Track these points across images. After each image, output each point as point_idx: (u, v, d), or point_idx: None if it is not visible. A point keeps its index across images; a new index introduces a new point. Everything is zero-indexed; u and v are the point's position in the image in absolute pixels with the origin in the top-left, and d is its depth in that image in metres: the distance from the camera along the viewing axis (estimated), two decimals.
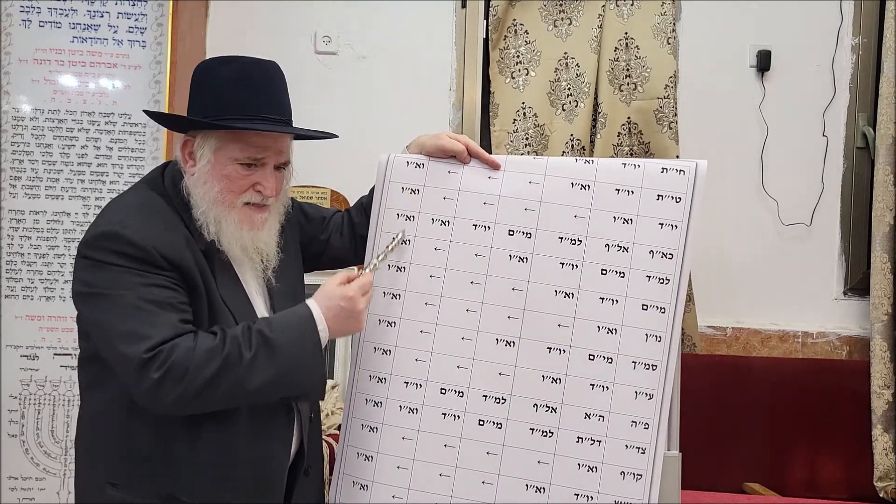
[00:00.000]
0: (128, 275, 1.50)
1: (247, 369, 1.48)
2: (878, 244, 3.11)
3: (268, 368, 1.50)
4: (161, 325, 1.48)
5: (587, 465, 1.70)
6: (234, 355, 1.48)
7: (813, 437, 3.06)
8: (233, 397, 1.51)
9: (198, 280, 1.57)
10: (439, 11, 3.34)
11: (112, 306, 1.50)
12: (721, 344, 3.29)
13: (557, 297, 1.75)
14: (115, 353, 1.50)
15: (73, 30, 3.02)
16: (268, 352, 1.50)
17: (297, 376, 1.54)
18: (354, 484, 1.78)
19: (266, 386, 1.51)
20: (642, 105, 3.17)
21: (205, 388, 1.47)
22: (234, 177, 1.60)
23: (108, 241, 1.52)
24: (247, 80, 1.60)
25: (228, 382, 1.48)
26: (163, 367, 1.45)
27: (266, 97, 1.62)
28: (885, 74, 3.12)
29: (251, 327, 1.53)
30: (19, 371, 2.97)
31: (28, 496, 2.96)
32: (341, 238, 1.90)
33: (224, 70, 1.61)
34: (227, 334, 1.51)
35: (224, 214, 1.60)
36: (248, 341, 1.50)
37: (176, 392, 1.46)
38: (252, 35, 3.24)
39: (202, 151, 1.60)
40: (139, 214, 1.56)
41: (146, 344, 1.45)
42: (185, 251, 1.56)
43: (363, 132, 3.18)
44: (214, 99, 1.59)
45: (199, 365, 1.46)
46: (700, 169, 1.76)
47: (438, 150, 1.84)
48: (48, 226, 3.00)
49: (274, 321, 1.57)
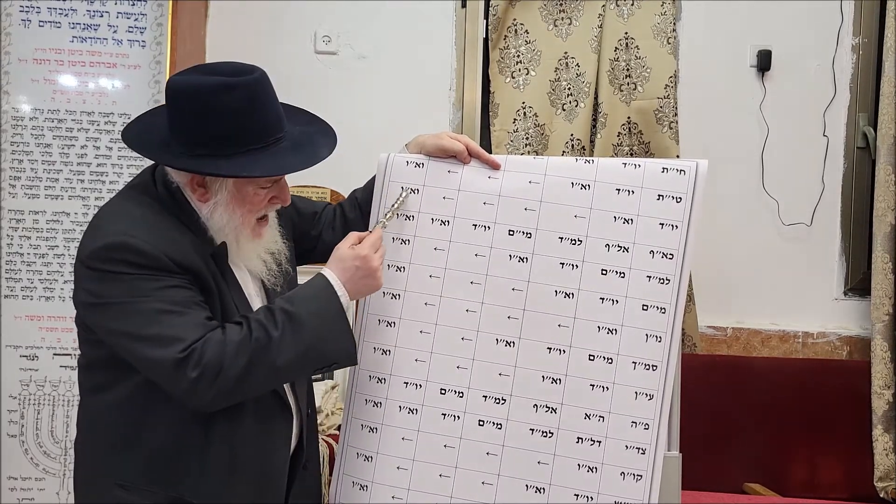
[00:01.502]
0: (142, 281, 1.49)
1: (276, 349, 1.50)
2: (879, 244, 3.11)
3: (297, 344, 1.51)
4: (189, 325, 1.48)
5: (587, 465, 1.70)
6: (262, 339, 1.49)
7: (813, 438, 3.06)
8: (268, 379, 1.54)
9: (210, 282, 1.56)
10: (439, 11, 3.34)
11: (132, 313, 1.48)
12: (721, 344, 3.29)
13: (557, 297, 1.75)
14: (144, 358, 1.49)
15: (72, 30, 3.01)
16: (294, 327, 1.51)
17: (326, 345, 1.56)
18: (354, 484, 1.78)
19: (298, 360, 1.52)
20: (642, 105, 3.17)
21: (241, 379, 1.48)
22: (255, 200, 1.60)
23: (117, 251, 1.49)
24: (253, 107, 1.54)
25: (262, 367, 1.49)
26: (198, 366, 1.45)
27: (271, 116, 1.57)
28: (885, 74, 3.12)
29: (272, 308, 1.54)
30: (19, 371, 2.97)
31: (28, 496, 2.96)
32: (333, 233, 1.88)
33: (225, 98, 1.51)
34: (251, 320, 1.52)
35: (242, 232, 1.61)
36: (274, 321, 1.51)
37: (215, 388, 1.47)
38: (252, 35, 3.24)
39: (218, 185, 1.57)
40: (142, 222, 1.54)
41: (178, 346, 1.46)
42: (194, 255, 1.55)
43: (363, 132, 3.17)
44: (222, 132, 1.52)
45: (232, 357, 1.47)
46: (701, 169, 1.76)
47: (439, 149, 1.83)
48: (48, 226, 3.00)
49: (294, 296, 1.58)
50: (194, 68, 1.60)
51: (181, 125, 1.55)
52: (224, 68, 1.56)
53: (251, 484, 1.62)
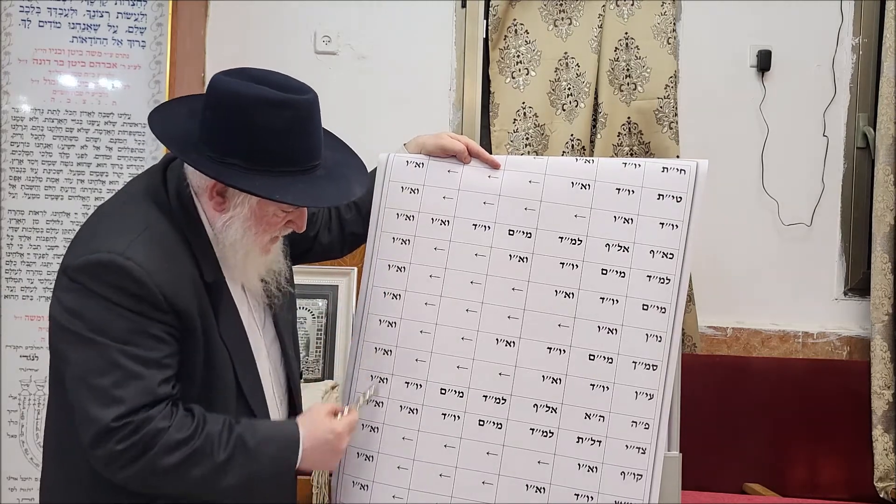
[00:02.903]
0: (120, 318, 1.41)
1: (219, 469, 1.45)
2: (878, 244, 3.10)
3: (240, 475, 1.47)
4: (137, 390, 1.40)
5: (587, 465, 1.70)
6: (204, 452, 1.44)
7: (813, 438, 3.05)
8: (195, 489, 1.46)
9: (196, 323, 1.48)
10: (439, 11, 3.34)
11: (92, 355, 1.40)
12: (721, 344, 3.29)
13: (557, 296, 1.75)
14: (81, 407, 1.41)
15: (72, 30, 3.01)
16: (245, 459, 1.47)
17: (267, 490, 1.56)
18: (354, 484, 1.78)
19: (236, 489, 1.47)
20: (642, 105, 3.16)
21: (164, 476, 1.42)
22: (274, 221, 1.54)
23: (108, 272, 1.41)
24: (298, 130, 1.47)
25: (193, 477, 1.43)
26: (126, 440, 1.38)
27: (313, 143, 1.51)
28: (885, 74, 3.12)
29: (233, 428, 1.48)
30: (19, 371, 2.97)
31: (28, 496, 2.95)
32: (329, 234, 1.87)
33: (276, 116, 1.44)
34: (205, 427, 1.45)
35: (252, 252, 1.56)
36: (226, 443, 1.46)
37: (131, 470, 1.40)
38: (252, 35, 3.24)
39: (240, 199, 1.50)
40: (144, 242, 1.45)
41: (116, 410, 1.38)
42: (188, 291, 1.47)
43: (363, 132, 3.17)
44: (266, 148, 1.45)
45: (163, 452, 1.40)
46: (701, 168, 1.76)
47: (439, 149, 1.83)
48: (48, 226, 3.00)
49: (259, 430, 1.51)
50: (241, 71, 1.50)
51: (217, 129, 1.46)
52: (276, 80, 1.48)
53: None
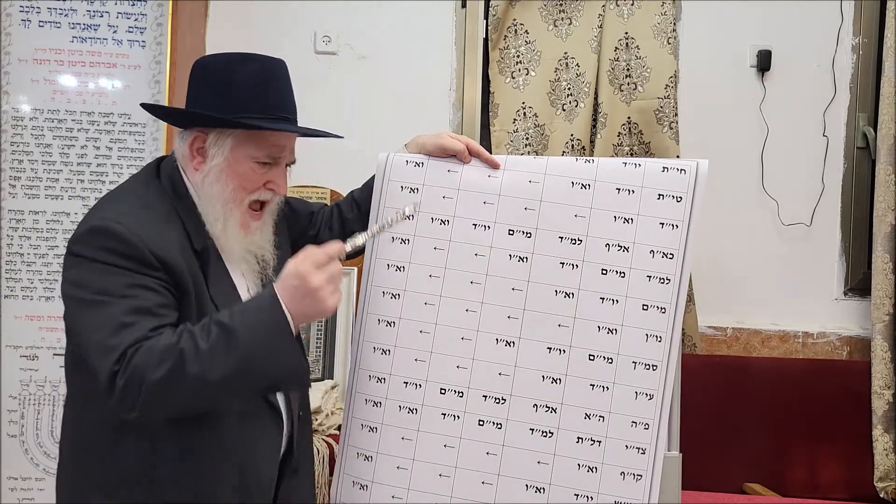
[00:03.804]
0: (114, 275, 1.46)
1: (205, 360, 1.39)
2: (879, 244, 3.11)
3: (230, 356, 1.39)
4: (131, 336, 1.41)
5: (587, 465, 1.70)
6: (188, 350, 1.39)
7: (813, 438, 3.05)
8: (199, 393, 1.42)
9: (188, 283, 1.52)
10: (439, 11, 3.34)
11: (93, 314, 1.45)
12: (721, 344, 3.29)
13: (557, 296, 1.74)
14: (92, 366, 1.45)
15: (72, 30, 3.01)
16: (227, 340, 1.40)
17: (263, 363, 1.42)
18: (354, 484, 1.77)
19: (231, 376, 1.40)
20: (642, 105, 3.17)
21: (164, 388, 1.39)
22: (250, 175, 1.59)
23: (98, 236, 1.48)
24: (272, 81, 1.60)
25: (188, 378, 1.39)
26: (124, 374, 1.39)
27: (284, 97, 1.62)
28: (885, 74, 3.12)
29: (211, 318, 1.45)
30: (19, 371, 2.97)
31: (28, 496, 2.96)
32: (331, 233, 1.87)
33: (247, 68, 1.58)
34: (185, 330, 1.43)
35: (230, 213, 1.59)
36: (207, 332, 1.41)
37: (142, 397, 1.39)
38: (252, 35, 3.24)
39: (217, 149, 1.57)
40: (133, 210, 1.53)
41: (114, 356, 1.40)
42: (177, 253, 1.52)
43: (363, 132, 3.18)
44: (238, 97, 1.56)
45: (155, 365, 1.38)
46: (701, 168, 1.76)
47: (439, 149, 1.83)
48: (48, 226, 3.00)
49: (236, 308, 1.47)
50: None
51: (197, 94, 1.60)
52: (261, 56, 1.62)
53: (235, 488, 1.58)
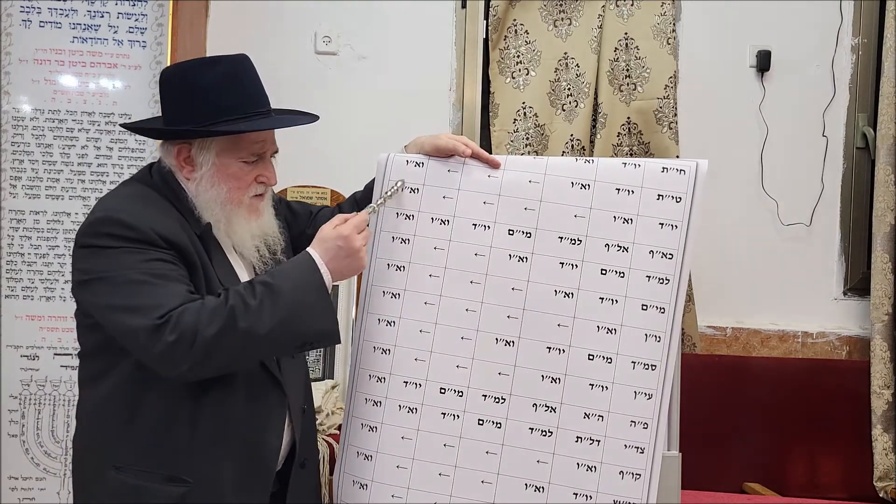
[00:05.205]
0: (127, 254, 1.53)
1: (254, 316, 1.50)
2: (878, 244, 3.11)
3: (275, 312, 1.52)
4: (169, 295, 1.51)
5: (586, 464, 1.70)
6: (238, 306, 1.50)
7: (813, 437, 3.06)
8: (246, 348, 1.53)
9: (195, 259, 1.60)
10: (439, 11, 3.34)
11: (115, 286, 1.52)
12: (721, 344, 3.29)
13: (557, 296, 1.75)
14: (124, 327, 1.51)
15: (73, 30, 3.01)
16: (272, 297, 1.52)
17: (304, 319, 1.56)
18: (354, 483, 1.78)
19: (277, 328, 1.52)
20: (642, 105, 3.17)
21: (217, 342, 1.48)
22: (240, 175, 1.66)
23: (104, 225, 1.55)
24: (235, 81, 1.64)
25: (237, 333, 1.49)
26: (175, 331, 1.47)
27: (254, 92, 1.67)
28: (885, 74, 3.12)
29: (253, 280, 1.58)
30: (19, 371, 2.97)
31: (28, 496, 2.96)
32: None
33: (208, 73, 1.63)
34: (230, 290, 1.54)
35: (234, 211, 1.66)
36: (252, 291, 1.53)
37: (192, 354, 1.48)
38: (252, 35, 3.24)
39: (203, 157, 1.64)
40: (132, 201, 1.61)
41: (157, 313, 1.48)
42: (180, 233, 1.59)
43: (363, 132, 3.18)
44: (206, 103, 1.61)
45: (207, 322, 1.48)
46: (700, 168, 1.76)
47: (438, 149, 1.83)
48: (48, 226, 3.00)
49: (275, 270, 1.60)
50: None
51: (169, 106, 1.66)
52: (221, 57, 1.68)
53: (243, 459, 1.63)
